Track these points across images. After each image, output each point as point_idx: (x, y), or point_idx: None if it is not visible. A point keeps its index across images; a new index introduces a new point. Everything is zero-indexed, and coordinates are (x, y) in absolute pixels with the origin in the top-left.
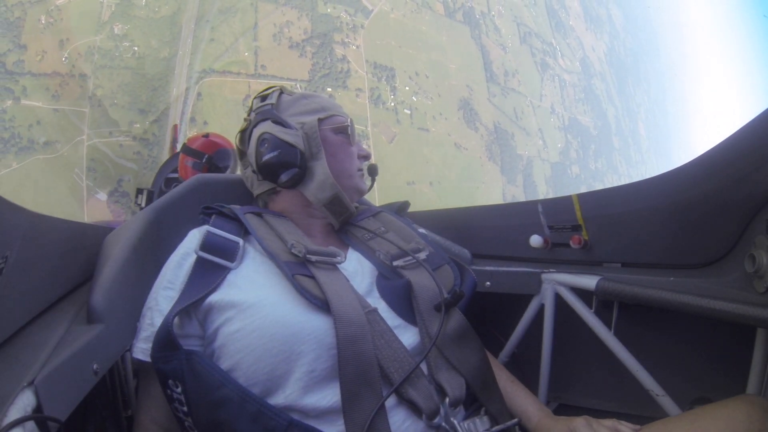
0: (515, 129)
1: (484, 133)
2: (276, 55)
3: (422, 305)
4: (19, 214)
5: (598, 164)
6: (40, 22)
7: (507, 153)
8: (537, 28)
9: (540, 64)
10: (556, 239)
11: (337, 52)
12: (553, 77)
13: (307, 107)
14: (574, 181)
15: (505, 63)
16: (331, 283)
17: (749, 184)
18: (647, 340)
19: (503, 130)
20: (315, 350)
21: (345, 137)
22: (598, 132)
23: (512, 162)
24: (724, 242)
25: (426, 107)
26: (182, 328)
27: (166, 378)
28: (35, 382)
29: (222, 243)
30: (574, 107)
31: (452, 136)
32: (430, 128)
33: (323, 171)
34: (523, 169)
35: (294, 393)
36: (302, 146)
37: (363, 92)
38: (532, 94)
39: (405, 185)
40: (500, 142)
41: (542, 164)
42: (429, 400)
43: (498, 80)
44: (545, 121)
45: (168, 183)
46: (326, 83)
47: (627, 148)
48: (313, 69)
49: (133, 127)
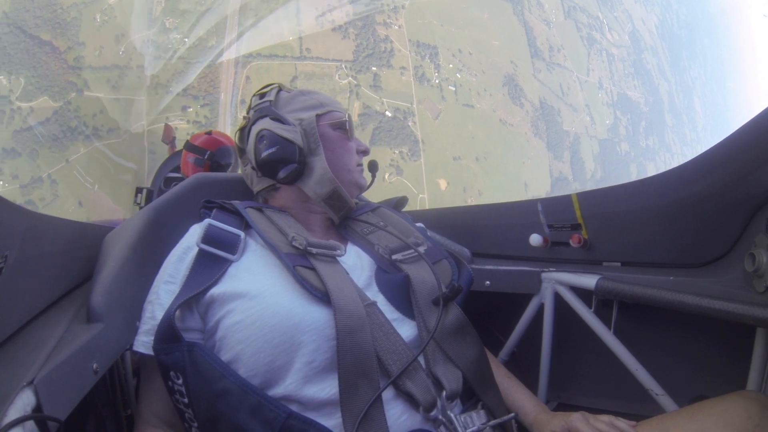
0: (561, 105)
1: (529, 109)
2: (320, 37)
3: (420, 299)
4: (19, 214)
5: (649, 142)
6: (96, 20)
7: (553, 129)
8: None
9: (586, 39)
10: (555, 238)
11: (379, 33)
12: (600, 52)
13: (305, 104)
14: (623, 158)
15: (550, 38)
16: (332, 276)
17: (749, 183)
18: (647, 339)
19: (549, 106)
20: (315, 341)
21: (343, 132)
22: (650, 108)
23: (559, 138)
24: (724, 241)
25: (470, 84)
26: (183, 321)
27: (167, 370)
28: (35, 382)
29: (223, 235)
30: (624, 82)
31: (497, 112)
32: (475, 104)
33: (322, 166)
34: (570, 145)
35: (294, 384)
36: (300, 142)
37: (407, 70)
38: (579, 69)
39: (451, 160)
40: (546, 118)
41: (590, 141)
42: (426, 393)
43: (543, 56)
44: (592, 96)
45: (167, 182)
46: (371, 63)
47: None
48: (357, 50)
49: (187, 111)
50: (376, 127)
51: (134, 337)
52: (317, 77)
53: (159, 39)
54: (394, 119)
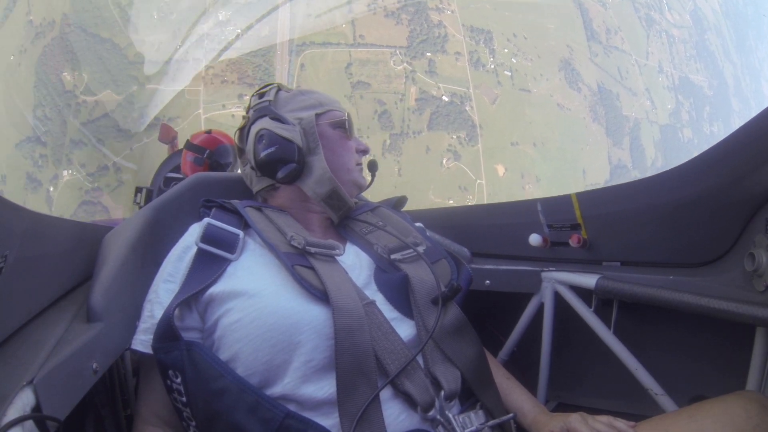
0: (620, 89)
1: (587, 94)
2: (373, 24)
3: (419, 299)
4: (19, 214)
5: (714, 128)
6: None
7: (612, 114)
8: None
9: (644, 20)
10: (555, 238)
11: (432, 18)
12: (660, 33)
13: (304, 103)
14: (686, 145)
15: (606, 20)
16: (330, 275)
17: (749, 182)
18: (646, 338)
19: (607, 91)
20: (313, 340)
21: (343, 131)
22: (714, 92)
23: (618, 123)
24: (724, 241)
25: (526, 68)
26: (182, 320)
27: (166, 369)
28: (34, 381)
29: (222, 235)
30: (685, 65)
31: (554, 96)
32: (532, 89)
33: (321, 166)
34: (630, 131)
35: (292, 383)
36: (300, 141)
37: (462, 56)
38: (637, 51)
39: (509, 146)
40: (604, 103)
41: (650, 126)
42: (424, 393)
43: (599, 38)
44: (652, 80)
45: (167, 182)
46: (425, 49)
47: (748, 111)
48: (411, 35)
49: (243, 99)
50: (433, 111)
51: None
52: (372, 63)
53: (213, 31)
54: (451, 104)
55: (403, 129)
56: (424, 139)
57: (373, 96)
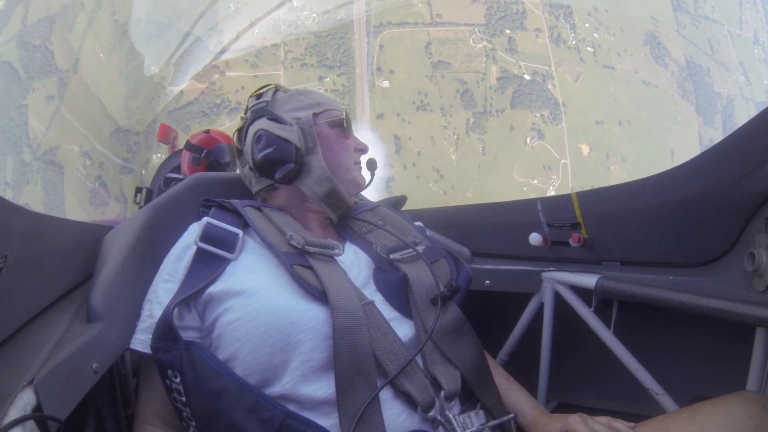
0: (711, 63)
1: (674, 70)
2: (449, 3)
3: (418, 299)
4: (19, 214)
5: None
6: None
7: (702, 91)
8: None
9: None
10: (555, 237)
11: None
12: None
13: (301, 103)
14: None
15: None
16: (329, 275)
17: (749, 182)
18: (646, 338)
19: (697, 66)
20: (312, 340)
21: (341, 130)
22: None
23: (709, 101)
24: (724, 241)
25: (609, 44)
26: (181, 320)
27: (165, 368)
28: (35, 381)
29: (222, 234)
30: None
31: (639, 73)
32: (615, 65)
33: (319, 165)
34: (723, 109)
35: (290, 383)
36: (298, 141)
37: (542, 32)
38: (730, 21)
39: (593, 124)
40: (694, 79)
41: (745, 104)
42: (424, 393)
43: (687, 8)
44: (747, 53)
45: (167, 182)
46: (504, 26)
47: None
48: (489, 13)
49: (324, 81)
50: (515, 90)
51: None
52: (451, 42)
53: (289, 17)
54: (533, 82)
55: (485, 108)
56: (507, 117)
57: (454, 75)
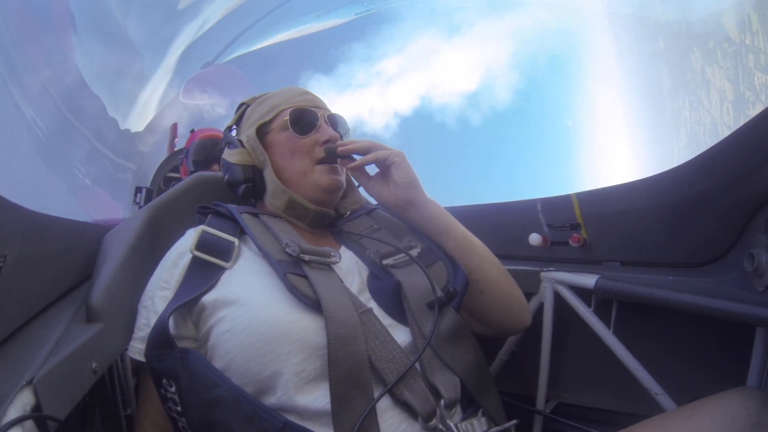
0: None
1: None
2: None
3: (413, 305)
4: (19, 213)
5: None
6: None
7: None
8: None
9: None
10: (555, 238)
11: None
12: None
13: (255, 115)
14: None
15: None
16: (324, 283)
17: (748, 182)
18: (646, 338)
19: None
20: (304, 350)
21: (295, 132)
22: None
23: None
24: (724, 241)
25: None
26: (176, 329)
27: (160, 377)
28: (34, 381)
29: (217, 242)
30: None
31: None
32: None
33: (271, 179)
34: None
35: (285, 394)
36: (249, 161)
37: None
38: None
39: None
40: None
41: None
42: (424, 402)
43: None
44: None
45: (167, 182)
46: None
47: None
48: None
49: None
50: None
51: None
52: None
53: None
54: None
55: None
56: None
57: None
